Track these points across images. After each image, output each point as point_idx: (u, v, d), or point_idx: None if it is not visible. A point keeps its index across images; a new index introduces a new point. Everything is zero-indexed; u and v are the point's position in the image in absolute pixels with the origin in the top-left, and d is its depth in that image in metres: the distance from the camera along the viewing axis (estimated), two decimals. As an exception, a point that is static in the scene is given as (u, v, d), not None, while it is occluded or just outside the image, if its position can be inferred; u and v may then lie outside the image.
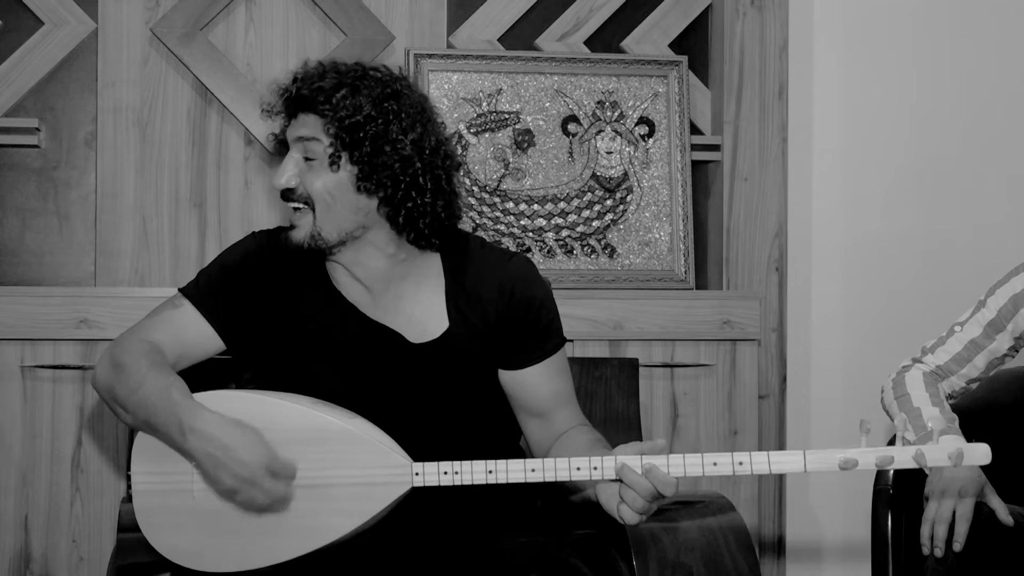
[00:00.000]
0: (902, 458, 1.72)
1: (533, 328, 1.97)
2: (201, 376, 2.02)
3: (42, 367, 2.74)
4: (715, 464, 1.76)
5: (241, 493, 1.77)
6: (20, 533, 2.74)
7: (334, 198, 1.88)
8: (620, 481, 1.76)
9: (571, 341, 2.87)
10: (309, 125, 1.88)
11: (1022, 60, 3.31)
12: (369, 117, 1.85)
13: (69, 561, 2.75)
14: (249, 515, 1.81)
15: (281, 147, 1.96)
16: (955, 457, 1.71)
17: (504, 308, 1.95)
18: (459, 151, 2.98)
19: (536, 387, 1.99)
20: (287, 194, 1.91)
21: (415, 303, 1.96)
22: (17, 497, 2.74)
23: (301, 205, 1.90)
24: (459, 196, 1.96)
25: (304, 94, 1.88)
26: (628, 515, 1.77)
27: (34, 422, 2.74)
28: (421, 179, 1.88)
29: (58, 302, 2.74)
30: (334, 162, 1.86)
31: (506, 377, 2.00)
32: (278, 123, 1.97)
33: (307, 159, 1.89)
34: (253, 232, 2.06)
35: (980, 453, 1.73)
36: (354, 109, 1.85)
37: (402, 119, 1.88)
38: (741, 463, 1.75)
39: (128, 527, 1.90)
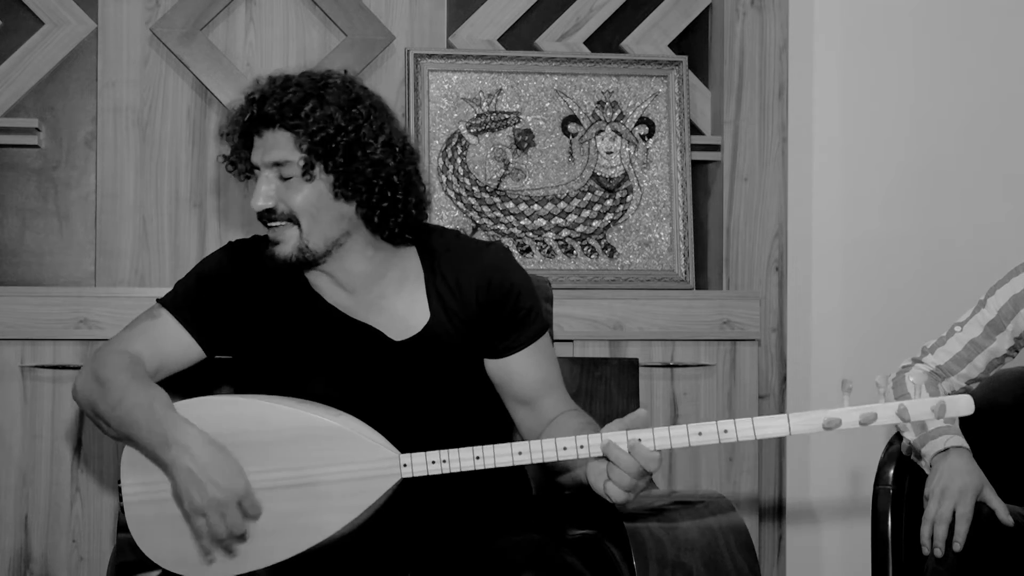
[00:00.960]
0: (885, 414, 1.71)
1: (514, 315, 1.98)
2: (199, 377, 2.02)
3: (42, 367, 2.74)
4: (700, 434, 1.75)
5: (206, 515, 1.77)
6: (20, 533, 2.74)
7: (318, 209, 1.88)
8: (607, 459, 1.76)
9: (571, 341, 2.87)
10: (280, 142, 1.87)
11: (1022, 60, 3.31)
12: (340, 126, 1.86)
13: (69, 561, 2.75)
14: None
15: (234, 168, 1.96)
16: (938, 409, 1.70)
17: (484, 296, 1.96)
18: (459, 151, 2.98)
19: (522, 375, 2.00)
20: (267, 214, 1.90)
21: (397, 300, 1.97)
22: (17, 497, 2.73)
23: (283, 222, 1.89)
24: (426, 189, 1.97)
25: (270, 112, 1.87)
26: (615, 492, 1.77)
27: (34, 422, 2.74)
28: (395, 178, 1.90)
29: (58, 302, 2.74)
30: (306, 172, 1.86)
31: (492, 366, 2.01)
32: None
33: (283, 178, 1.88)
34: (230, 242, 2.06)
35: (962, 404, 1.71)
36: (325, 120, 1.85)
37: (371, 122, 1.89)
38: (726, 431, 1.74)
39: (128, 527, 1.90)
